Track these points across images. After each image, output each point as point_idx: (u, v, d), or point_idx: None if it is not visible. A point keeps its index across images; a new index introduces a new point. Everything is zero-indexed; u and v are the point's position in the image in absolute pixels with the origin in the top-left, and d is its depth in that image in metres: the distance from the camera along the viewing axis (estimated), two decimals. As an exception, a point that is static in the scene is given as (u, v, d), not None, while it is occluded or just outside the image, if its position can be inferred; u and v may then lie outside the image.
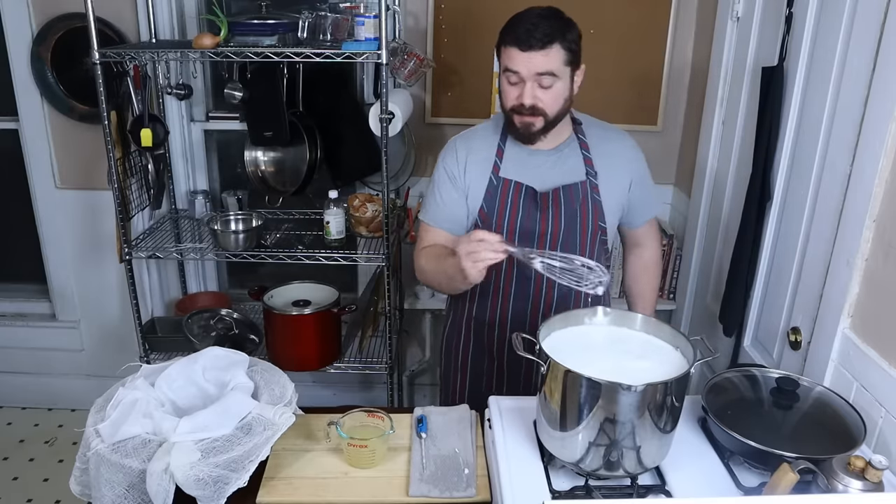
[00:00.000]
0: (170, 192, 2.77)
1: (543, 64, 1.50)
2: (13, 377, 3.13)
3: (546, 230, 1.65)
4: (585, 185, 1.66)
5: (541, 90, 1.53)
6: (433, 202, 1.71)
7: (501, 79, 1.56)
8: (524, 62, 1.50)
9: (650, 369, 1.23)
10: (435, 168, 1.73)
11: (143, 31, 2.58)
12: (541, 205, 1.63)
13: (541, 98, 1.53)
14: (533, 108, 1.54)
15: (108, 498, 1.27)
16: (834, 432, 1.27)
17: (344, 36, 2.24)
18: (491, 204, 1.65)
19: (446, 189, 1.69)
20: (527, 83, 1.52)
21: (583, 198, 1.65)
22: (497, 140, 1.68)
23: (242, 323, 2.57)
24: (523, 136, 1.60)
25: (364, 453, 1.40)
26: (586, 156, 1.67)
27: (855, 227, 1.43)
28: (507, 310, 1.73)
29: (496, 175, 1.65)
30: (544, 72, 1.50)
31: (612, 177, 1.68)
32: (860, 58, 1.46)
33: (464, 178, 1.67)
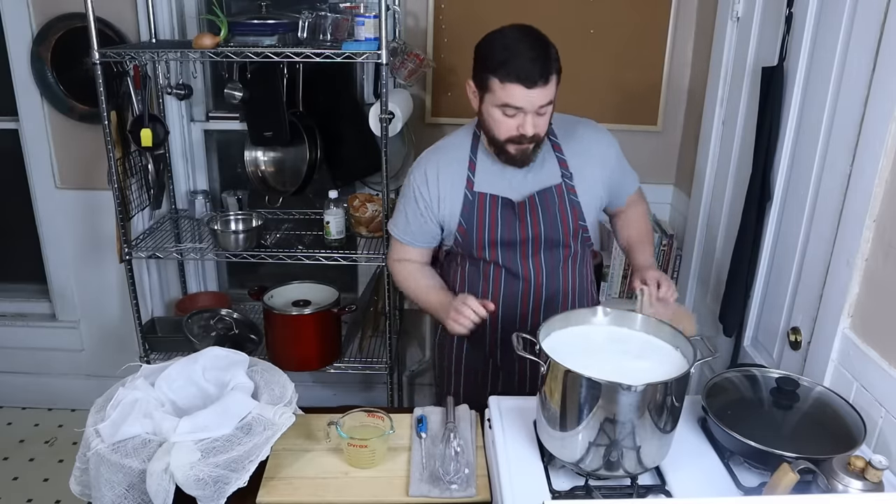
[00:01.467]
0: (170, 192, 2.77)
1: (545, 96, 1.50)
2: (13, 377, 3.13)
3: (527, 237, 1.66)
4: (561, 188, 1.66)
5: (538, 118, 1.52)
6: (402, 219, 1.74)
7: (492, 111, 1.53)
8: (528, 99, 1.48)
9: (650, 369, 1.24)
10: (405, 182, 1.73)
11: (143, 31, 2.58)
12: (518, 214, 1.64)
13: (538, 125, 1.53)
14: (533, 136, 1.53)
15: (108, 498, 1.27)
16: (834, 432, 1.27)
17: (344, 36, 2.25)
18: (469, 219, 1.66)
19: (412, 210, 1.70)
20: (528, 116, 1.51)
21: (560, 201, 1.66)
22: (468, 153, 1.67)
23: (242, 323, 2.57)
24: (519, 161, 1.59)
25: (364, 453, 1.40)
26: (560, 157, 1.67)
27: (855, 227, 1.43)
28: (498, 311, 1.72)
29: (470, 190, 1.65)
30: (546, 103, 1.51)
31: (587, 175, 1.68)
32: (860, 58, 1.46)
33: (435, 200, 1.67)
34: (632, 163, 1.84)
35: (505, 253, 1.68)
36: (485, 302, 1.55)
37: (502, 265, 1.70)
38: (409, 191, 1.71)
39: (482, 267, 1.72)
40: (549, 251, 1.69)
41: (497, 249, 1.67)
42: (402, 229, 1.74)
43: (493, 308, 1.55)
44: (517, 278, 1.70)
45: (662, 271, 1.69)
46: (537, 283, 1.71)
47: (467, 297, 1.55)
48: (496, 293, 1.72)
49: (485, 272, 1.73)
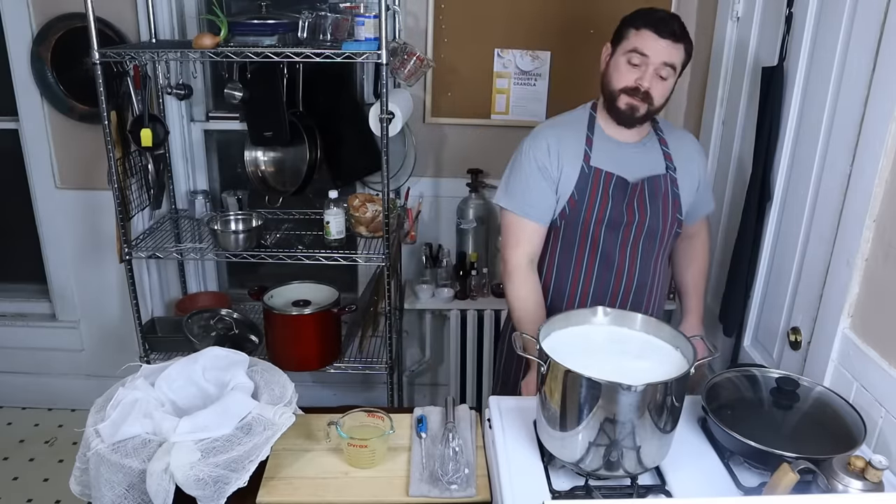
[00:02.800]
0: (170, 192, 2.77)
1: (672, 55, 1.55)
2: (13, 377, 3.13)
3: (633, 220, 1.67)
4: (667, 178, 1.70)
5: (657, 79, 1.57)
6: (521, 191, 1.67)
7: (619, 60, 1.59)
8: (657, 48, 1.54)
9: (650, 369, 1.24)
10: (519, 155, 1.70)
11: (143, 31, 2.58)
12: (629, 194, 1.66)
13: (655, 86, 1.58)
14: (646, 94, 1.58)
15: (108, 498, 1.27)
16: (834, 432, 1.27)
17: (344, 36, 2.24)
18: (582, 192, 1.66)
19: (535, 179, 1.66)
20: (650, 68, 1.56)
21: (665, 190, 1.70)
22: (585, 130, 1.70)
23: (242, 323, 2.57)
24: (625, 118, 1.62)
25: (364, 453, 1.40)
26: (666, 151, 1.73)
27: (855, 227, 1.43)
28: (586, 301, 1.73)
29: (587, 164, 1.67)
30: (670, 63, 1.56)
31: (686, 174, 1.74)
32: (860, 58, 1.46)
33: (556, 168, 1.66)
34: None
35: (607, 234, 1.68)
36: None
37: (599, 249, 1.69)
38: (528, 161, 1.67)
39: (577, 249, 1.70)
40: (648, 241, 1.70)
41: (601, 229, 1.67)
42: (520, 199, 1.67)
43: None
44: (610, 269, 1.70)
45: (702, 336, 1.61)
46: (630, 276, 1.71)
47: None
48: (588, 281, 1.73)
49: (578, 256, 1.71)
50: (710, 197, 1.89)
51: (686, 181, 1.74)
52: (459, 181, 2.75)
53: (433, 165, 2.81)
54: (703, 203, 1.85)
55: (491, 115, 2.70)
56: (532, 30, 2.59)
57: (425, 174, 2.80)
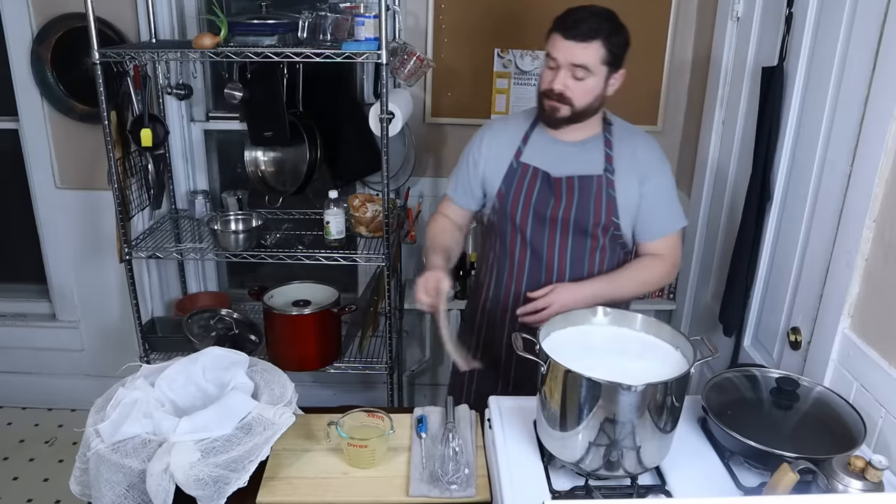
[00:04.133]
0: (170, 192, 2.77)
1: (580, 56, 1.56)
2: (13, 377, 3.13)
3: (557, 216, 1.69)
4: (601, 179, 1.68)
5: (573, 81, 1.59)
6: (455, 177, 1.85)
7: (544, 62, 1.64)
8: (562, 50, 1.57)
9: (650, 369, 1.23)
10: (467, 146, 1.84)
11: (143, 31, 2.58)
12: (554, 189, 1.68)
13: (571, 88, 1.59)
14: (560, 96, 1.60)
15: (108, 498, 1.27)
16: (834, 432, 1.27)
17: (344, 36, 2.24)
18: (509, 186, 1.73)
19: (464, 167, 1.82)
20: (560, 70, 1.59)
21: (597, 191, 1.68)
22: (526, 127, 1.76)
23: (242, 323, 2.57)
24: (548, 119, 1.66)
25: (364, 453, 1.40)
26: (608, 153, 1.71)
27: (855, 227, 1.43)
28: (521, 293, 1.75)
29: (517, 159, 1.73)
30: (579, 63, 1.57)
31: (628, 179, 1.68)
32: (860, 58, 1.46)
33: (482, 160, 1.77)
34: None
35: (535, 228, 1.71)
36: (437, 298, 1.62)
37: (528, 243, 1.73)
38: (466, 151, 1.82)
39: (509, 244, 1.76)
40: (577, 238, 1.71)
41: (528, 221, 1.71)
42: (452, 185, 1.86)
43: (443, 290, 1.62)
44: (541, 262, 1.73)
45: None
46: (561, 269, 1.73)
47: (427, 278, 1.63)
48: (520, 274, 1.76)
49: (511, 251, 1.76)
50: (673, 211, 1.72)
51: (626, 185, 1.67)
52: (459, 181, 2.74)
53: (433, 165, 2.81)
54: (661, 216, 1.70)
55: (491, 115, 2.70)
56: (532, 30, 2.59)
57: (425, 174, 2.80)
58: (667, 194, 1.72)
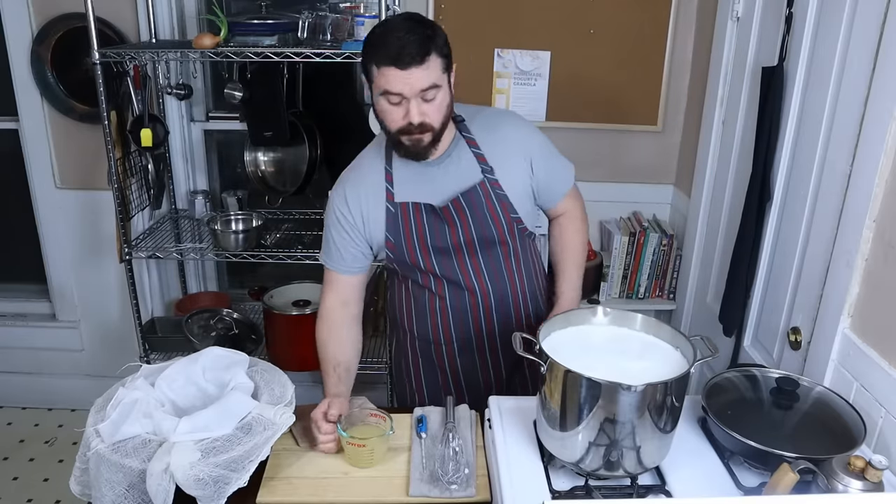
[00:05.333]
0: (170, 192, 2.77)
1: (425, 79, 1.39)
2: (13, 377, 3.13)
3: (459, 242, 1.58)
4: (485, 185, 1.57)
5: (425, 104, 1.42)
6: (331, 246, 1.64)
7: (379, 101, 1.44)
8: (405, 81, 1.38)
9: (650, 369, 1.23)
10: (327, 207, 1.65)
11: (143, 31, 2.58)
12: (445, 219, 1.57)
13: (426, 113, 1.43)
14: (421, 126, 1.43)
15: (108, 498, 1.27)
16: (834, 432, 1.27)
17: (344, 36, 2.25)
18: (395, 232, 1.58)
19: (336, 231, 1.62)
20: (411, 101, 1.41)
21: (486, 198, 1.57)
22: (383, 165, 1.60)
23: (242, 323, 2.57)
24: (414, 154, 1.50)
25: (363, 452, 1.40)
26: (477, 153, 1.58)
27: (855, 227, 1.43)
28: (449, 325, 1.68)
29: (391, 202, 1.57)
30: (427, 86, 1.40)
31: (509, 166, 1.59)
32: (860, 58, 1.46)
33: (359, 218, 1.59)
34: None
35: (441, 262, 1.60)
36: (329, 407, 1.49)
37: (442, 276, 1.62)
38: (332, 215, 1.62)
39: (422, 281, 1.65)
40: (486, 252, 1.61)
41: (431, 259, 1.59)
42: (334, 258, 1.64)
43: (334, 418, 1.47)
44: (461, 289, 1.63)
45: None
46: (483, 290, 1.63)
47: (316, 419, 1.46)
48: (444, 307, 1.66)
49: (425, 286, 1.65)
50: (560, 172, 1.67)
51: (510, 176, 1.58)
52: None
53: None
54: (552, 179, 1.65)
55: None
56: (532, 30, 2.60)
57: (425, 174, 2.80)
58: (551, 155, 1.66)
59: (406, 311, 1.74)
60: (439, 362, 1.76)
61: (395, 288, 1.77)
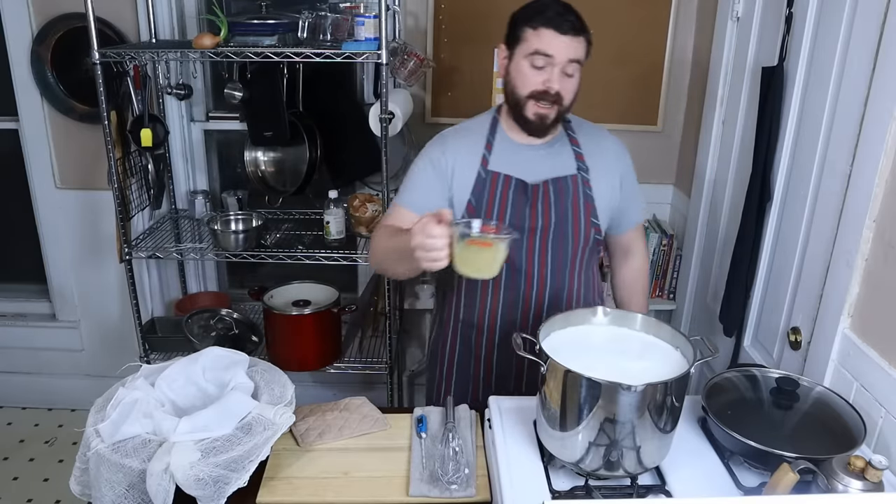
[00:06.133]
0: (170, 192, 2.77)
1: (576, 50, 1.48)
2: (13, 377, 3.13)
3: (536, 225, 1.60)
4: (577, 179, 1.61)
5: (564, 78, 1.49)
6: (408, 186, 1.64)
7: (521, 64, 1.50)
8: (560, 45, 1.46)
9: (650, 369, 1.23)
10: (418, 157, 1.67)
11: (143, 31, 2.58)
12: (531, 197, 1.59)
13: (564, 86, 1.50)
14: (556, 96, 1.50)
15: (108, 498, 1.27)
16: (834, 432, 1.27)
17: (344, 36, 2.25)
18: (479, 197, 1.59)
19: (423, 175, 1.62)
20: (556, 68, 1.48)
21: (574, 192, 1.61)
22: (486, 134, 1.63)
23: (242, 323, 2.57)
24: (535, 127, 1.55)
25: (485, 255, 1.27)
26: (577, 151, 1.63)
27: (855, 227, 1.43)
28: (497, 311, 1.69)
29: (484, 168, 1.60)
30: (575, 59, 1.48)
31: (602, 174, 1.64)
32: (860, 58, 1.46)
33: (450, 170, 1.60)
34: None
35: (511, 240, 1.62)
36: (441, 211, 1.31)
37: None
38: (423, 160, 1.63)
39: None
40: (557, 245, 1.62)
41: None
42: (404, 196, 1.63)
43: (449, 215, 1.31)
44: (520, 274, 1.63)
45: None
46: (541, 281, 1.64)
47: (418, 224, 1.31)
48: (497, 290, 1.66)
49: None
50: (639, 200, 1.76)
51: (602, 182, 1.64)
52: (459, 181, 2.75)
53: (433, 165, 2.81)
54: (630, 208, 1.73)
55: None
56: (532, 30, 2.59)
57: (425, 174, 2.80)
58: (635, 184, 1.73)
59: (456, 290, 1.72)
60: (476, 350, 1.75)
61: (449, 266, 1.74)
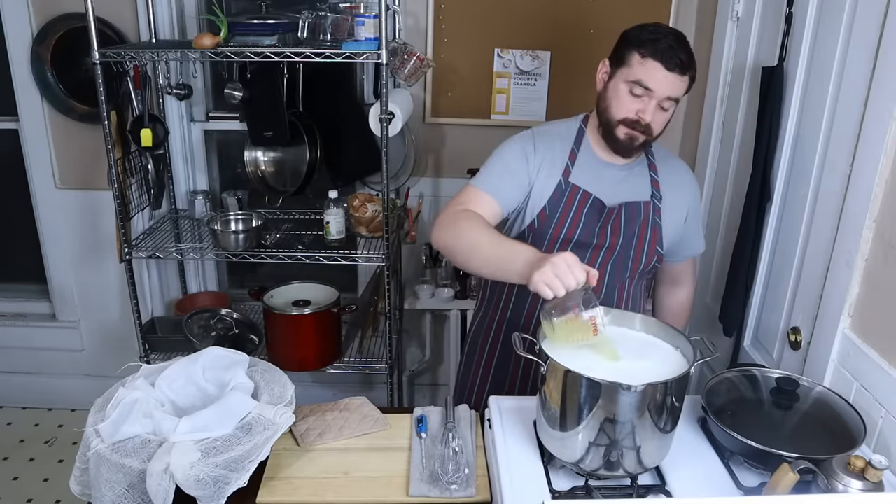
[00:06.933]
0: (170, 192, 2.77)
1: (677, 89, 1.46)
2: (13, 377, 3.13)
3: (603, 243, 1.59)
4: (649, 206, 1.61)
5: (658, 111, 1.48)
6: (494, 170, 1.58)
7: (620, 87, 1.48)
8: (663, 82, 1.44)
9: (650, 369, 1.23)
10: (503, 146, 1.62)
11: (143, 31, 2.58)
12: (604, 218, 1.58)
13: (656, 119, 1.49)
14: (647, 127, 1.49)
15: (108, 498, 1.27)
16: (834, 432, 1.27)
17: (344, 36, 2.25)
18: (554, 207, 1.57)
19: (517, 165, 1.57)
20: (653, 101, 1.46)
21: (644, 218, 1.60)
22: (571, 144, 1.61)
23: (242, 323, 2.57)
24: (623, 147, 1.53)
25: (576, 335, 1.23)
26: (654, 178, 1.63)
27: (855, 227, 1.43)
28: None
29: (566, 179, 1.58)
30: (674, 97, 1.47)
31: (673, 204, 1.65)
32: (860, 58, 1.46)
33: (536, 167, 1.58)
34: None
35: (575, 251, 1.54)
36: (589, 270, 1.25)
37: None
38: (515, 149, 1.59)
39: None
40: (617, 266, 1.62)
41: (567, 248, 1.53)
42: (488, 181, 1.57)
43: (594, 280, 1.26)
44: None
45: None
46: (596, 287, 1.63)
47: (569, 256, 1.25)
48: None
49: None
50: (700, 234, 1.78)
51: (671, 212, 1.64)
52: (459, 181, 2.72)
53: (433, 165, 2.81)
54: (691, 239, 1.75)
55: (491, 115, 2.71)
56: (532, 30, 2.60)
57: (425, 174, 2.80)
58: (699, 219, 1.76)
59: (508, 288, 1.70)
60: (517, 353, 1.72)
61: None
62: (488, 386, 1.80)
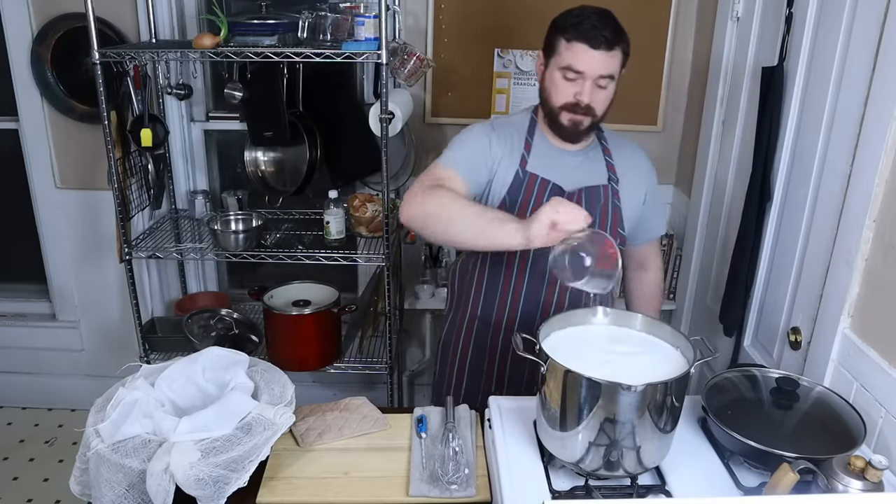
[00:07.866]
0: (170, 192, 2.77)
1: (608, 66, 1.49)
2: (13, 377, 3.13)
3: None
4: (608, 190, 1.64)
5: (597, 91, 1.51)
6: (460, 152, 1.58)
7: (554, 75, 1.52)
8: (591, 61, 1.47)
9: (650, 369, 1.23)
10: (466, 132, 1.64)
11: (143, 31, 2.58)
12: None
13: (596, 98, 1.52)
14: (587, 108, 1.52)
15: (108, 498, 1.27)
16: (834, 432, 1.27)
17: (344, 36, 2.24)
18: (514, 197, 1.60)
19: (481, 146, 1.59)
20: (587, 82, 1.50)
21: (604, 202, 1.63)
22: (525, 134, 1.64)
23: (242, 323, 2.57)
24: (569, 133, 1.57)
25: None
26: (609, 161, 1.66)
27: (855, 227, 1.43)
28: (516, 312, 1.70)
29: (523, 169, 1.60)
30: (606, 73, 1.49)
31: (630, 187, 1.68)
32: (860, 58, 1.46)
33: (498, 155, 1.59)
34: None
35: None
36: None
37: (528, 261, 1.64)
38: (479, 133, 1.61)
39: (506, 260, 1.65)
40: None
41: None
42: (452, 159, 1.57)
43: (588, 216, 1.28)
44: (541, 278, 1.65)
45: None
46: (562, 288, 1.66)
47: (554, 199, 1.30)
48: (518, 289, 1.67)
49: (510, 262, 1.65)
50: (660, 215, 1.83)
51: (629, 195, 1.67)
52: (459, 181, 2.75)
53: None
54: (651, 221, 1.77)
55: (491, 115, 2.71)
56: (532, 30, 2.59)
57: (425, 174, 2.80)
58: (658, 199, 1.78)
59: (476, 286, 1.73)
60: (491, 350, 1.75)
61: (471, 259, 1.75)
62: (464, 387, 1.80)
